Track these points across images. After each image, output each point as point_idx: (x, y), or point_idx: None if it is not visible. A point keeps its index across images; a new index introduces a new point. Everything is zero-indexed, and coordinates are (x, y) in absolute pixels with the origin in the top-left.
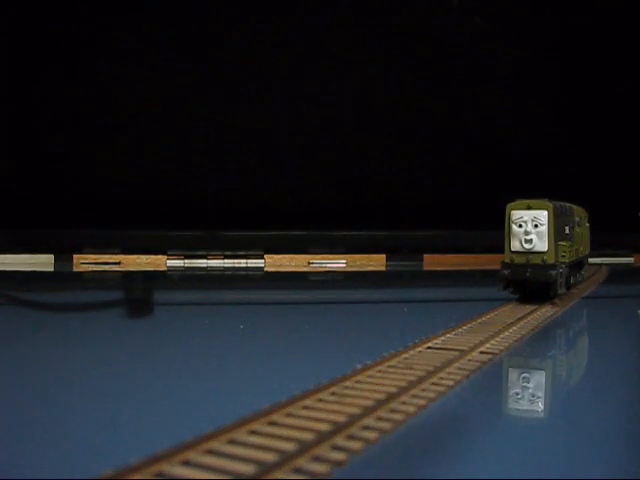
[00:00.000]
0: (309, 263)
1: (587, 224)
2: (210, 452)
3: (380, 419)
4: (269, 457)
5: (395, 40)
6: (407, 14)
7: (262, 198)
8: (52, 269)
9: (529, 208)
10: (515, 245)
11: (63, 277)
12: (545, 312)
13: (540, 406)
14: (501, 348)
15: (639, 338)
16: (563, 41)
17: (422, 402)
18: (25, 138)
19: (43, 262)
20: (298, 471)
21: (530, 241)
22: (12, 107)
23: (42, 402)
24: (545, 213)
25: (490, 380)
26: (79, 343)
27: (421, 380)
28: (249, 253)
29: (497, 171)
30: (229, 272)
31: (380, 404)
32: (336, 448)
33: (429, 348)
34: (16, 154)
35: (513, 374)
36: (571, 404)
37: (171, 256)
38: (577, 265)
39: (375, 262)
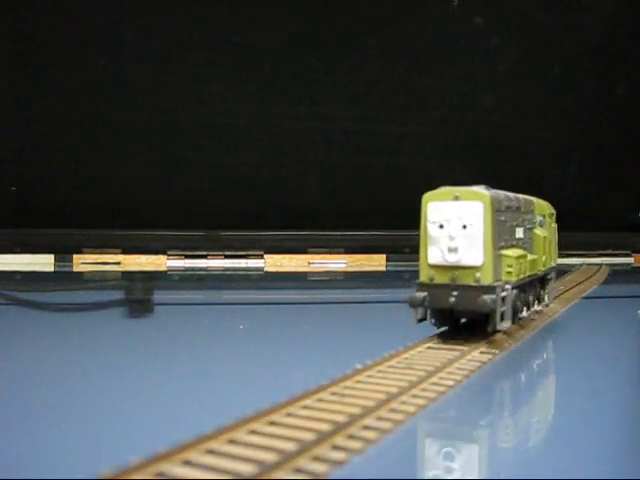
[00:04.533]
0: (309, 263)
1: (554, 224)
2: (210, 452)
3: (380, 419)
4: (269, 457)
5: (395, 39)
6: (408, 12)
7: (262, 198)
8: (52, 269)
9: (456, 199)
10: (434, 256)
11: (63, 277)
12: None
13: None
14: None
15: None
16: (563, 41)
17: (422, 402)
18: (25, 138)
19: (43, 262)
20: (298, 471)
21: (455, 250)
22: (12, 107)
23: (42, 402)
24: (479, 206)
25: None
26: (79, 343)
27: (422, 379)
28: (249, 253)
29: (498, 170)
30: (229, 272)
31: (381, 404)
32: (336, 448)
33: (429, 348)
34: (16, 154)
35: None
36: None
37: (171, 256)
38: (535, 284)
39: (375, 262)
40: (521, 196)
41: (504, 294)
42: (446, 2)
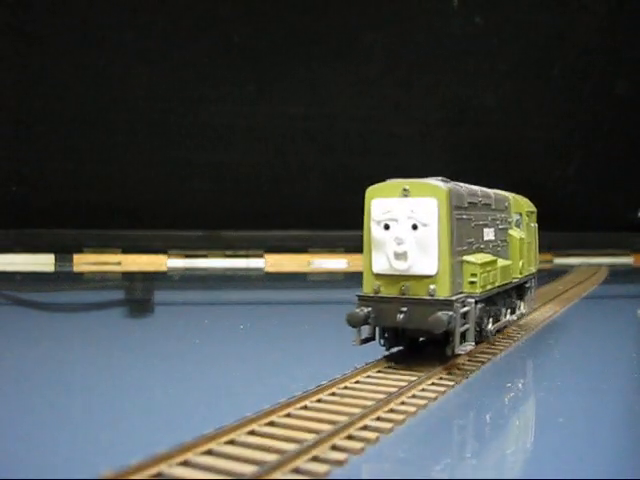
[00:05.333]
0: (309, 263)
1: (533, 224)
2: (209, 453)
3: (379, 419)
4: (268, 457)
5: (396, 39)
6: (409, 13)
7: (262, 198)
8: (52, 269)
9: (405, 194)
10: (380, 263)
11: (63, 277)
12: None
13: None
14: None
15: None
16: (563, 41)
17: (422, 402)
18: (25, 138)
19: (43, 262)
20: (297, 471)
21: (404, 255)
22: (12, 107)
23: (42, 402)
24: (432, 203)
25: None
26: (79, 343)
27: (421, 380)
28: (249, 253)
29: (498, 170)
30: (229, 272)
31: (380, 404)
32: (335, 448)
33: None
34: (16, 154)
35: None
36: None
37: (171, 256)
38: (510, 293)
39: None
40: (492, 191)
41: (465, 309)
42: (447, 2)
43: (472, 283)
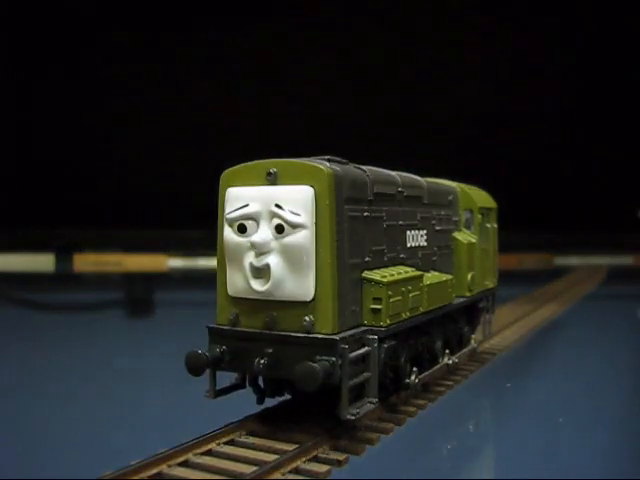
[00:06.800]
0: None
1: (490, 224)
2: (208, 453)
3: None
4: (266, 457)
5: (396, 41)
6: (409, 13)
7: None
8: (52, 269)
9: (269, 181)
10: (236, 282)
11: (63, 277)
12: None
13: None
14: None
15: None
16: (562, 41)
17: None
18: (25, 138)
19: (43, 262)
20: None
21: (265, 271)
22: (13, 108)
23: (42, 402)
24: (307, 193)
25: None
26: (79, 343)
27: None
28: None
29: (498, 171)
30: None
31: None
32: (336, 448)
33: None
34: (16, 154)
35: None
36: None
37: (171, 256)
38: (456, 319)
39: None
40: (425, 179)
41: (361, 352)
42: (447, 3)
43: (375, 312)
